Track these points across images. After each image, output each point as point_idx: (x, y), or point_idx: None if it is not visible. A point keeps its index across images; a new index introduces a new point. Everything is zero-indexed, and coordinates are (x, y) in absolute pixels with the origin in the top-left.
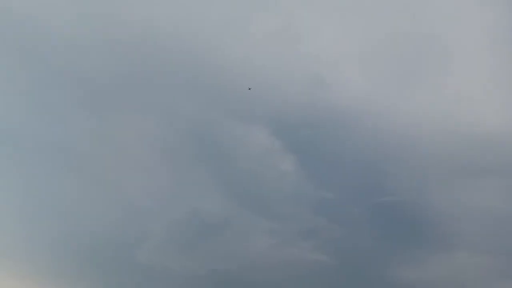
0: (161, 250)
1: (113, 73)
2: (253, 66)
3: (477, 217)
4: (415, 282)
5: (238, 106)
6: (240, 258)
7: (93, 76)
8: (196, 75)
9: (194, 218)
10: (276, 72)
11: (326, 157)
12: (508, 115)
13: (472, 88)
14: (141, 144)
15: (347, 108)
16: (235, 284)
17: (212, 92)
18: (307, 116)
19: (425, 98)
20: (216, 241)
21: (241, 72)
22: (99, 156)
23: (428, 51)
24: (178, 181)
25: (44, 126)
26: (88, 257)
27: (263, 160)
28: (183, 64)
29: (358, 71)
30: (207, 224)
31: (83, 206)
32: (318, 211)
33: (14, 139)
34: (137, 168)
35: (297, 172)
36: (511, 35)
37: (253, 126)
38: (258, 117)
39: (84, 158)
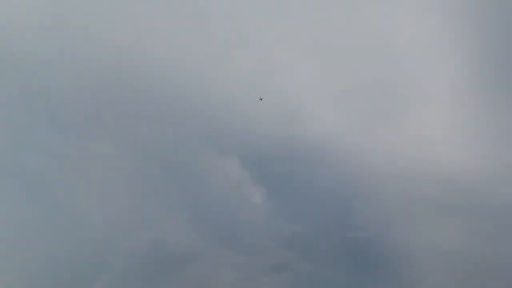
0: (121, 283)
1: (87, 100)
2: (231, 99)
3: (437, 256)
4: None
5: (212, 137)
6: None
7: (66, 101)
8: (173, 106)
9: (158, 249)
10: (252, 106)
11: (296, 191)
12: (465, 156)
13: (433, 131)
14: (107, 170)
15: (318, 144)
16: None
17: (187, 122)
18: (279, 150)
19: (390, 138)
20: (180, 274)
21: (218, 104)
22: (63, 182)
23: (394, 96)
24: (143, 210)
25: (12, 151)
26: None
27: (233, 191)
28: (161, 95)
29: (330, 109)
30: (172, 257)
31: (41, 233)
32: (286, 245)
33: None
34: (101, 195)
35: (266, 205)
36: (469, 85)
37: (225, 157)
38: (231, 148)
39: (47, 184)
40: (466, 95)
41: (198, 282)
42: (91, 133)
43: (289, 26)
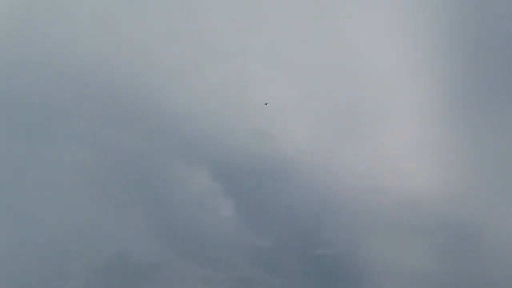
0: None
1: (53, 103)
2: (203, 110)
3: (402, 276)
4: None
5: (182, 147)
6: None
7: (30, 104)
8: (144, 114)
9: (121, 260)
10: (224, 118)
11: (265, 206)
12: (432, 179)
13: (404, 151)
14: (71, 177)
15: (289, 160)
16: None
17: (157, 131)
18: (249, 164)
19: (360, 157)
20: (144, 286)
21: (190, 115)
22: (23, 187)
23: (366, 115)
24: (107, 219)
25: None
26: None
27: (202, 203)
28: (131, 102)
29: (302, 126)
30: (135, 268)
31: None
32: (254, 260)
33: None
34: (64, 203)
35: (235, 218)
36: (437, 110)
37: (195, 168)
38: (201, 160)
39: (7, 189)
40: (435, 119)
41: None
42: (56, 137)
43: (264, 41)
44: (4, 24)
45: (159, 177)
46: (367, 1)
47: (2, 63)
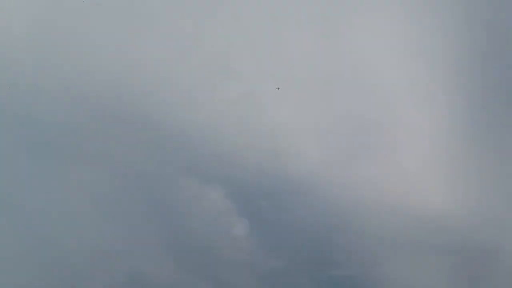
0: None
1: (67, 124)
2: (217, 128)
3: None
4: None
5: (196, 166)
6: None
7: (45, 125)
8: (157, 134)
9: (133, 281)
10: (238, 137)
11: (279, 225)
12: (447, 196)
13: (418, 169)
14: (85, 198)
15: (303, 179)
16: None
17: (171, 149)
18: (263, 182)
19: (374, 174)
20: None
21: (204, 133)
22: (39, 208)
23: (379, 134)
24: (118, 239)
25: None
26: None
27: (215, 222)
28: (144, 122)
29: (315, 144)
30: None
31: (9, 264)
32: (267, 281)
33: None
34: (78, 223)
35: (248, 238)
36: (451, 125)
37: (209, 187)
38: (215, 179)
39: (23, 210)
40: (448, 135)
41: None
42: (70, 158)
43: (278, 60)
44: (21, 43)
45: (172, 196)
46: (380, 21)
47: (16, 82)
